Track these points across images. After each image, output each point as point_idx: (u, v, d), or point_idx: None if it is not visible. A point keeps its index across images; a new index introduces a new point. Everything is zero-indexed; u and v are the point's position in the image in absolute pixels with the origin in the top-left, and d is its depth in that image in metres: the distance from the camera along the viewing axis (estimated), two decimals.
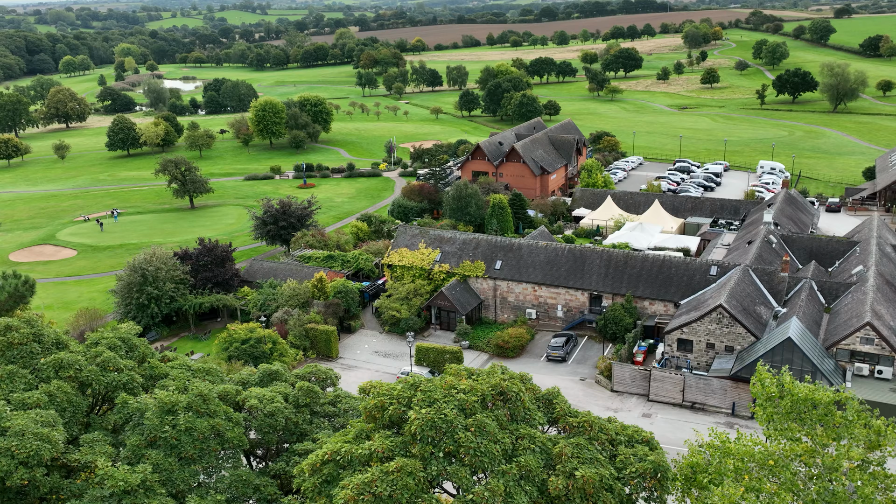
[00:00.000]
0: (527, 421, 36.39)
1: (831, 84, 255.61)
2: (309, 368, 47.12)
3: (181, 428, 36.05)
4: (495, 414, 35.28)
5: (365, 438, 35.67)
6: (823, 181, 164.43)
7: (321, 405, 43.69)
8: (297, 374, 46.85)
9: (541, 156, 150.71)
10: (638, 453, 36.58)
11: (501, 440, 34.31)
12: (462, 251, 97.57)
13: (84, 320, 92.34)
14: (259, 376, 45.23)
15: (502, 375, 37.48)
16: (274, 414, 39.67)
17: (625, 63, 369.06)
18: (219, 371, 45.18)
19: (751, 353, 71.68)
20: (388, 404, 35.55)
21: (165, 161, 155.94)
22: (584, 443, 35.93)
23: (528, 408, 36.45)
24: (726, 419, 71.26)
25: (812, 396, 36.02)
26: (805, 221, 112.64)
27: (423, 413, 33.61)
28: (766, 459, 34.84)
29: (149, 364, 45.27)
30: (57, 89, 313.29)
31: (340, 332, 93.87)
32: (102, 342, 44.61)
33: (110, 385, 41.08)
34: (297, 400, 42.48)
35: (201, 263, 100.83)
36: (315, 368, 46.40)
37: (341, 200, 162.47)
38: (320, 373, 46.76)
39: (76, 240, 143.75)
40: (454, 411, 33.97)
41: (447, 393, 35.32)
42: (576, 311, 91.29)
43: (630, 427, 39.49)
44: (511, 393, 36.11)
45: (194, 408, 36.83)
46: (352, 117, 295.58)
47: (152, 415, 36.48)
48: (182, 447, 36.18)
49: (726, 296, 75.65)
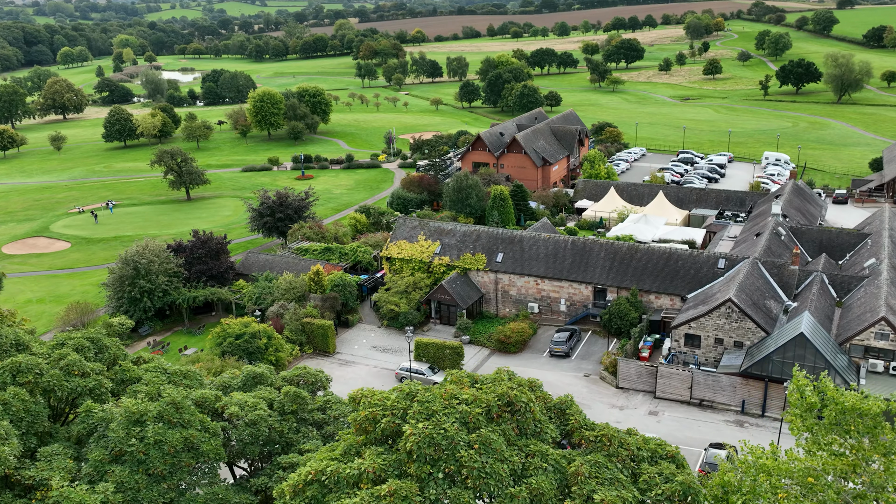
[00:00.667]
0: (537, 435, 32.30)
1: (836, 75, 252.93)
2: (297, 371, 43.95)
3: (150, 441, 32.55)
4: (502, 428, 31.26)
5: (354, 455, 31.90)
6: (829, 172, 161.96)
7: (309, 412, 40.43)
8: (283, 377, 43.72)
9: (542, 147, 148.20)
10: (664, 472, 33.14)
11: (509, 458, 30.64)
12: (462, 243, 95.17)
13: (75, 314, 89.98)
14: (242, 380, 42.12)
15: (509, 383, 33.55)
16: (256, 423, 36.39)
17: (626, 54, 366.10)
18: (197, 374, 41.94)
19: (761, 349, 69.35)
20: (380, 416, 31.76)
21: (161, 152, 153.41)
22: (603, 460, 32.23)
23: (538, 420, 32.52)
24: (736, 417, 68.99)
25: (859, 406, 32.71)
26: (813, 213, 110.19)
27: (420, 428, 29.92)
28: (805, 476, 31.81)
29: (120, 367, 41.77)
30: (54, 80, 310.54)
31: (338, 327, 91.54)
32: (69, 343, 41.16)
33: (74, 391, 37.59)
34: (282, 406, 39.33)
35: (195, 256, 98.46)
36: (304, 371, 43.27)
37: (340, 192, 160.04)
38: (309, 375, 43.61)
39: (70, 232, 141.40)
40: (455, 425, 30.17)
41: (447, 404, 31.30)
42: (579, 304, 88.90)
43: (653, 440, 35.91)
44: (520, 403, 31.98)
45: (165, 417, 33.32)
46: (351, 108, 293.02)
47: (118, 426, 32.89)
48: (150, 462, 32.84)
49: (735, 289, 73.28)
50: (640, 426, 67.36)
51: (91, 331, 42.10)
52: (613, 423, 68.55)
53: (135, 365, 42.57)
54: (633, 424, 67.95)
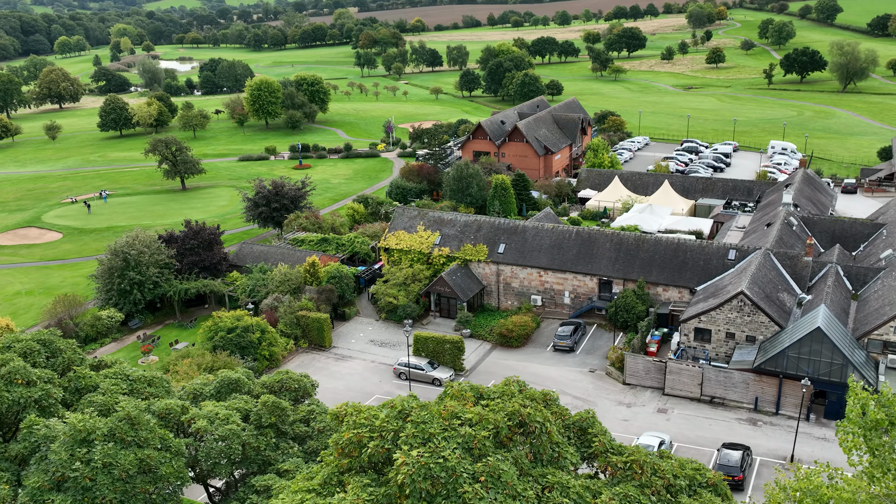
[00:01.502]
0: (555, 462, 26.62)
1: (841, 63, 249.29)
2: (279, 376, 39.83)
3: (97, 464, 27.52)
4: (513, 455, 25.67)
5: (336, 485, 26.46)
6: (836, 162, 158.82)
7: (290, 424, 35.62)
8: (263, 383, 39.63)
9: (544, 135, 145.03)
10: None
11: (523, 494, 25.32)
12: (463, 234, 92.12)
13: (62, 307, 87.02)
14: (215, 387, 37.65)
15: (520, 398, 28.05)
16: (228, 438, 31.29)
17: (628, 43, 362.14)
18: (164, 381, 37.88)
19: (775, 344, 66.38)
20: (367, 439, 26.73)
21: (156, 141, 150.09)
22: (635, 493, 27.46)
23: (556, 442, 26.77)
24: (748, 415, 66.06)
25: None
26: (824, 203, 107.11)
27: (415, 456, 24.68)
28: None
29: (75, 374, 36.62)
30: (49, 69, 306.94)
31: (334, 320, 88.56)
32: (16, 346, 36.32)
33: (17, 403, 32.55)
34: (259, 419, 34.38)
35: (187, 247, 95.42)
36: (286, 376, 39.33)
37: (338, 182, 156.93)
38: (292, 381, 39.30)
39: (62, 222, 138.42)
40: (457, 453, 24.67)
41: (447, 425, 25.84)
42: (584, 297, 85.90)
43: (689, 464, 30.91)
44: (534, 424, 26.43)
45: (118, 435, 28.41)
46: (350, 97, 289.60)
47: (60, 447, 27.63)
48: (97, 490, 27.91)
49: (748, 282, 70.25)
50: (648, 425, 64.67)
51: (44, 332, 37.77)
52: (621, 421, 65.84)
53: (94, 371, 37.67)
54: (641, 422, 65.23)
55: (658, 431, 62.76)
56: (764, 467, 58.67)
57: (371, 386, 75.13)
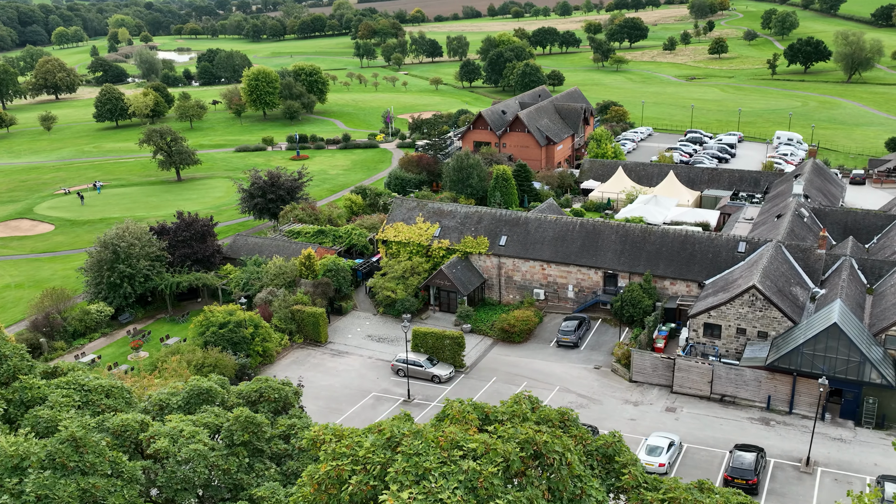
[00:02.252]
0: (578, 500, 21.55)
1: (846, 53, 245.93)
2: (257, 384, 35.47)
3: (30, 497, 23.04)
4: (528, 495, 20.45)
5: None
6: (843, 152, 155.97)
7: (268, 441, 30.90)
8: (239, 392, 35.17)
9: (546, 125, 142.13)
10: None
11: None
12: (463, 226, 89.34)
13: (50, 301, 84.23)
14: (184, 397, 32.93)
15: (534, 424, 23.31)
16: (192, 460, 26.74)
17: (630, 33, 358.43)
18: (125, 391, 33.54)
19: (788, 341, 63.66)
20: (348, 474, 22.09)
21: (150, 131, 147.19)
22: None
23: (578, 475, 21.86)
24: (761, 414, 63.37)
25: None
26: (835, 194, 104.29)
27: (406, 499, 19.88)
28: None
29: (20, 384, 31.85)
30: (45, 59, 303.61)
31: (330, 314, 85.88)
32: None
33: None
34: (231, 436, 29.54)
35: (180, 239, 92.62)
36: (265, 384, 35.07)
37: (336, 173, 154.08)
38: (271, 390, 34.65)
39: (55, 214, 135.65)
40: (458, 493, 19.71)
41: (446, 458, 20.81)
42: (588, 291, 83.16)
43: (734, 497, 26.41)
44: (552, 456, 21.52)
45: (58, 461, 23.93)
46: (349, 88, 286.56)
47: None
48: None
49: (759, 275, 67.50)
50: (656, 424, 62.01)
51: None
52: (627, 419, 63.20)
53: (45, 380, 32.96)
54: (649, 421, 62.59)
55: (667, 432, 60.11)
56: (778, 469, 56.02)
57: (368, 383, 72.49)
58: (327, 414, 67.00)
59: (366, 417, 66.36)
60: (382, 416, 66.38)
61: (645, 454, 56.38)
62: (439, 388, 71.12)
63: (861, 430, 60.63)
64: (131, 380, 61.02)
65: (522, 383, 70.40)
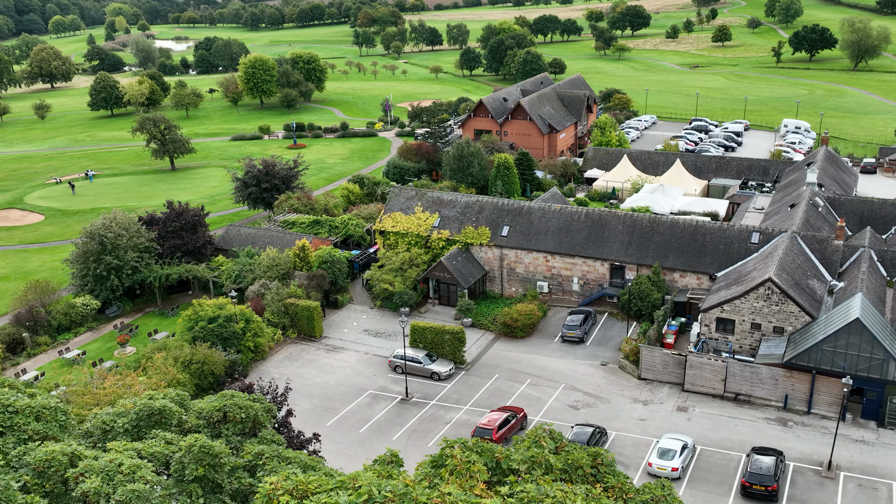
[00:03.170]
0: None
1: (852, 41, 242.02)
2: (221, 401, 29.55)
3: None
4: None
5: None
6: (852, 141, 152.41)
7: (228, 474, 25.18)
8: (199, 412, 29.46)
9: (549, 113, 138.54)
10: None
11: None
12: (464, 216, 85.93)
13: (34, 294, 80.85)
14: (132, 419, 27.48)
15: (561, 475, 17.62)
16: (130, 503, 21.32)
17: (632, 21, 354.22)
18: (62, 412, 28.23)
19: (807, 337, 60.32)
20: None
21: (143, 119, 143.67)
22: None
23: None
24: (777, 414, 60.05)
25: None
26: (848, 182, 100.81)
27: None
28: None
29: None
30: (41, 47, 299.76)
31: (325, 308, 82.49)
32: None
33: None
34: (182, 469, 24.00)
35: (169, 229, 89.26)
36: (230, 401, 29.27)
37: (333, 162, 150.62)
38: (237, 409, 28.87)
39: (45, 204, 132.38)
40: None
41: None
42: (594, 283, 79.81)
43: None
44: None
45: None
46: (348, 76, 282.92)
47: None
48: None
49: (775, 268, 64.14)
50: (668, 424, 58.81)
51: None
52: (636, 419, 59.99)
53: None
54: (659, 422, 59.39)
55: (679, 433, 56.82)
56: (798, 474, 52.73)
57: (364, 380, 69.19)
58: (321, 413, 63.77)
59: (361, 417, 63.14)
60: (379, 416, 63.13)
61: (656, 457, 53.14)
62: (439, 385, 67.86)
63: (884, 432, 57.31)
64: (114, 378, 57.68)
65: (526, 380, 67.15)
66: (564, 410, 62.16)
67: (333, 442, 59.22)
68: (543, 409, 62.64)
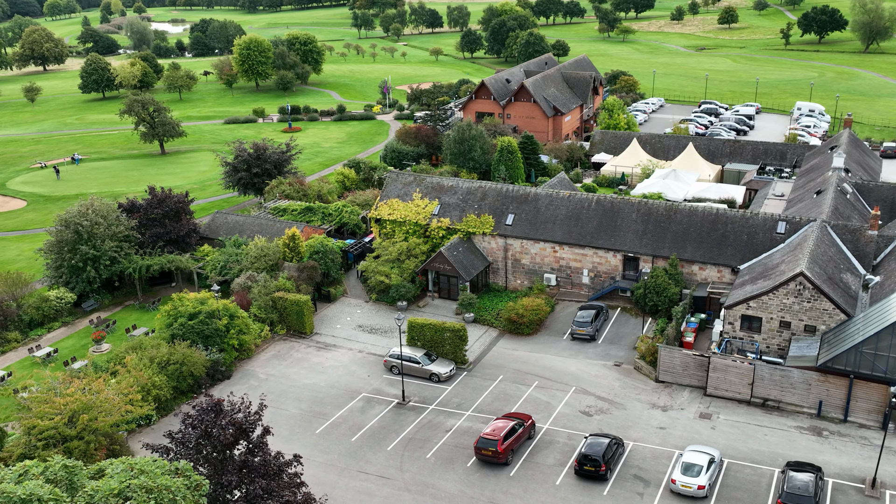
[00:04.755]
0: None
1: (864, 22, 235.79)
2: (124, 476, 20.38)
3: None
4: None
5: None
6: (867, 124, 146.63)
7: None
8: (90, 496, 20.27)
9: (553, 94, 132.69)
10: None
11: None
12: (465, 203, 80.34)
13: (3, 287, 75.38)
14: None
15: None
16: None
17: (636, 3, 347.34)
18: None
19: (843, 338, 54.80)
20: None
21: (131, 101, 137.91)
22: None
23: None
24: (811, 423, 54.58)
25: None
26: (874, 168, 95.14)
27: None
28: None
29: None
30: (32, 29, 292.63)
31: (317, 302, 76.99)
32: None
33: None
34: None
35: (151, 217, 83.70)
36: (137, 479, 19.80)
37: (329, 146, 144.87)
38: (143, 494, 18.98)
39: (28, 189, 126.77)
40: None
41: None
42: (606, 276, 74.28)
43: None
44: None
45: None
46: (346, 59, 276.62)
47: None
48: None
49: (807, 261, 58.60)
50: (689, 434, 53.38)
51: None
52: (655, 428, 54.56)
53: None
54: (681, 430, 53.99)
55: (704, 445, 51.35)
56: (838, 492, 47.27)
57: (358, 382, 63.70)
58: (310, 419, 58.37)
59: (354, 424, 57.71)
60: (373, 422, 57.69)
61: (680, 473, 47.68)
62: (438, 387, 62.38)
63: None
64: (80, 383, 52.21)
65: (533, 383, 61.68)
66: (576, 417, 56.70)
67: (322, 452, 53.90)
68: (553, 415, 57.20)
